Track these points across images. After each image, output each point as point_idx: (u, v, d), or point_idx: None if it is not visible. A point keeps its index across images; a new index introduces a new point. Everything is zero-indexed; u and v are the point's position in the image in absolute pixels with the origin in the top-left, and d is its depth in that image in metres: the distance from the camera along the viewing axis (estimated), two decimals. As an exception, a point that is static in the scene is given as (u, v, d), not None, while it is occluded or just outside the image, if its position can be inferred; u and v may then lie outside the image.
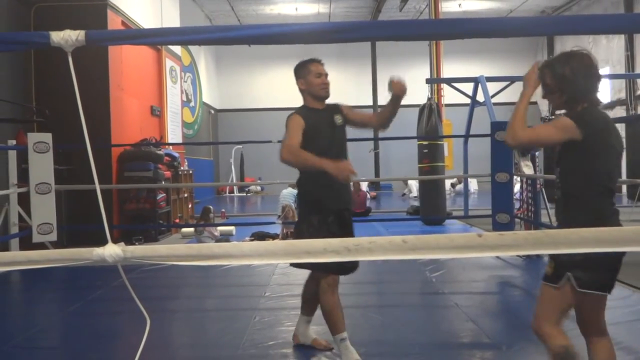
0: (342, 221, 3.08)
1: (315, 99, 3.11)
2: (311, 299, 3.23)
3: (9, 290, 5.37)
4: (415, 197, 15.83)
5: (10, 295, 5.25)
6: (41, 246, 5.74)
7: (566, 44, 18.75)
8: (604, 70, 16.14)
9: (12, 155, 6.37)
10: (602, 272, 2.10)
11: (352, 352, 2.98)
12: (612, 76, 15.38)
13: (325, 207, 3.02)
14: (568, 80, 2.17)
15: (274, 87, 19.32)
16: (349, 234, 3.09)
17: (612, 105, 15.86)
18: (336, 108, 3.18)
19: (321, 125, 3.06)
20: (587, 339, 2.28)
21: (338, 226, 3.03)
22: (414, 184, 16.19)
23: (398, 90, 2.98)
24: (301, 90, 3.14)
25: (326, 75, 3.11)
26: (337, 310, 2.98)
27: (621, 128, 15.25)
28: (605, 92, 16.38)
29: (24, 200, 6.23)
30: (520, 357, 3.19)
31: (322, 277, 2.99)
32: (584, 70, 2.18)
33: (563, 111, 2.26)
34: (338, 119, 3.13)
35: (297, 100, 3.19)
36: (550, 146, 2.17)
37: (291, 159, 2.85)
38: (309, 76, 3.08)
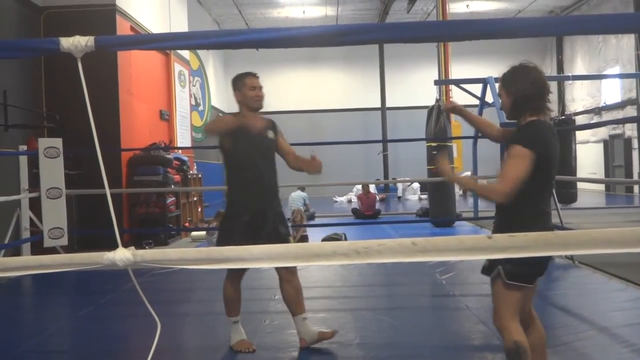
0: (261, 221, 3.25)
1: (250, 110, 3.32)
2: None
3: (20, 294, 5.41)
4: (401, 194, 15.96)
5: (22, 300, 5.28)
6: (52, 251, 5.77)
7: (575, 44, 18.65)
8: (613, 70, 16.02)
9: (23, 160, 6.42)
10: (529, 265, 2.20)
11: (310, 330, 3.32)
12: (622, 75, 15.25)
13: (243, 207, 3.25)
14: (513, 92, 2.35)
15: (282, 90, 19.31)
16: (275, 234, 3.27)
17: (622, 105, 15.74)
18: (273, 125, 3.44)
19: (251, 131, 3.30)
20: (522, 326, 2.37)
21: (255, 226, 3.21)
22: (400, 185, 16.24)
23: (312, 168, 3.33)
24: (237, 102, 3.37)
25: (260, 88, 3.33)
26: (301, 295, 3.37)
27: (632, 128, 15.15)
28: (616, 91, 16.27)
29: (35, 205, 6.28)
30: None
31: (281, 269, 3.30)
32: (528, 82, 2.32)
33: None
34: (270, 133, 3.38)
35: (302, 104, 3.26)
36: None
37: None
38: (244, 89, 3.30)
